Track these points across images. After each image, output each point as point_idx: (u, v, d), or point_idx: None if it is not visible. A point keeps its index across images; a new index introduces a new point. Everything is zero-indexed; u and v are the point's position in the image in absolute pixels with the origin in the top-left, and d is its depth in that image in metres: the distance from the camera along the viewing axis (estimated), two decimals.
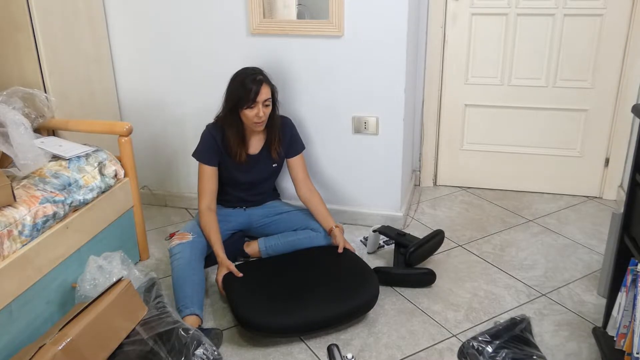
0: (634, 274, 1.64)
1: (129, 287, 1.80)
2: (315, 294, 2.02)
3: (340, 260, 2.23)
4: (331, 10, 2.45)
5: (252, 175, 2.39)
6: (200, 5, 2.63)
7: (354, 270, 2.16)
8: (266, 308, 1.95)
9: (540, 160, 3.11)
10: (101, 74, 2.76)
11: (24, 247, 1.80)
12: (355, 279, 2.10)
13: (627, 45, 2.79)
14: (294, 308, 1.95)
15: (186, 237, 2.21)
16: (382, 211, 2.77)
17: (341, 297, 2.00)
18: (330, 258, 2.25)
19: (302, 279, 2.11)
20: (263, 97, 2.19)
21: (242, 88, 2.18)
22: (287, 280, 2.11)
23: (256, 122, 2.22)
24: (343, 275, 2.13)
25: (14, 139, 1.99)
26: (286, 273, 2.17)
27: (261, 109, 2.19)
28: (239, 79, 2.22)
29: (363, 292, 2.03)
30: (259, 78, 2.19)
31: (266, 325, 1.90)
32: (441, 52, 3.02)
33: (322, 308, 1.96)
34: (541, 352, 1.83)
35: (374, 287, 2.07)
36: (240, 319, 1.95)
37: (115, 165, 2.29)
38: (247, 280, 2.12)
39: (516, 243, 2.62)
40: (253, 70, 2.23)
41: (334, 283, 2.08)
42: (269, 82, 2.24)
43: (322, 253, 2.30)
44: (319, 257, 2.28)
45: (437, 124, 3.17)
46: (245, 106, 2.19)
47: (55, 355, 1.52)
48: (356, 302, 2.00)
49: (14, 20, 2.30)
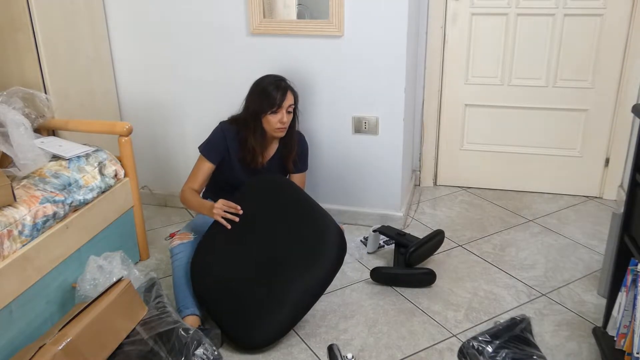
0: (634, 274, 1.64)
1: (129, 287, 1.80)
2: (283, 289, 1.92)
3: (299, 211, 2.11)
4: (331, 10, 2.45)
5: None
6: (201, 5, 2.63)
7: (303, 223, 2.05)
8: (249, 332, 1.90)
9: (540, 160, 3.11)
10: (101, 74, 2.77)
11: (24, 247, 1.80)
12: (313, 235, 2.00)
13: (627, 45, 2.79)
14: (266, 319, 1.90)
15: (187, 237, 2.21)
16: (382, 211, 2.77)
17: (308, 273, 1.93)
18: (273, 209, 2.13)
19: (266, 263, 2.00)
20: (288, 103, 2.20)
21: (266, 93, 2.19)
22: (250, 272, 2.00)
23: (279, 127, 2.22)
24: (298, 240, 2.02)
25: (14, 139, 1.99)
26: (247, 257, 2.05)
27: (285, 115, 2.20)
28: (263, 84, 2.23)
29: (328, 248, 1.95)
30: (284, 84, 2.22)
31: (258, 344, 1.90)
32: (441, 52, 3.02)
33: (298, 302, 1.90)
34: (541, 352, 1.83)
35: (332, 235, 1.97)
36: (237, 344, 1.93)
37: (115, 165, 2.29)
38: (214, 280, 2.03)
39: (516, 243, 2.62)
40: (277, 77, 2.25)
41: (294, 259, 1.97)
42: (292, 89, 2.26)
43: (262, 202, 2.17)
44: (264, 214, 2.15)
45: (437, 124, 3.17)
46: (270, 111, 2.19)
47: (55, 355, 1.52)
48: (327, 263, 1.93)
49: (14, 20, 2.30)
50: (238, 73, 2.66)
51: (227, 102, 2.42)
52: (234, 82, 2.68)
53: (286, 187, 2.20)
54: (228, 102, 2.38)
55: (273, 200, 2.15)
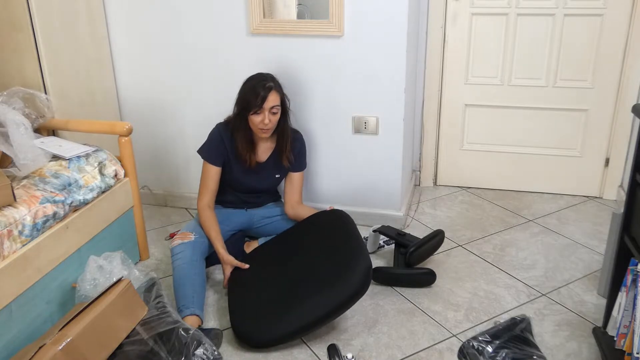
0: (634, 274, 1.64)
1: (129, 287, 1.80)
2: (301, 296, 1.95)
3: (331, 235, 2.15)
4: (331, 10, 2.45)
5: (256, 181, 2.39)
6: (201, 5, 2.63)
7: (342, 250, 2.05)
8: (257, 326, 1.94)
9: (540, 160, 3.11)
10: (101, 74, 2.76)
11: (24, 247, 1.80)
12: (342, 264, 1.99)
13: (627, 45, 2.79)
14: (281, 320, 1.92)
15: (188, 236, 2.21)
16: (382, 211, 2.77)
17: (328, 291, 1.91)
18: (322, 234, 2.19)
19: (294, 274, 2.06)
20: (270, 104, 2.18)
21: (251, 93, 2.19)
22: (277, 280, 2.07)
23: (261, 128, 2.22)
24: (331, 260, 2.03)
25: (14, 139, 1.99)
26: (278, 269, 2.13)
27: (267, 116, 2.19)
28: (250, 83, 2.23)
29: (351, 280, 1.92)
30: (269, 85, 2.20)
31: (262, 342, 1.93)
32: (441, 52, 3.02)
33: (309, 312, 1.90)
34: (541, 352, 1.83)
35: (361, 273, 1.93)
36: (241, 338, 1.96)
37: (115, 165, 2.29)
38: (242, 284, 2.12)
39: (516, 243, 2.62)
40: (264, 76, 2.23)
41: (320, 275, 1.99)
42: (279, 89, 2.24)
43: (315, 228, 2.26)
44: (311, 236, 2.23)
45: (437, 124, 3.17)
46: (252, 111, 2.19)
47: (55, 355, 1.52)
48: (345, 293, 1.90)
49: (14, 20, 2.30)
50: (238, 73, 2.65)
51: (228, 102, 2.41)
52: (234, 82, 2.66)
53: (341, 219, 2.24)
54: (228, 102, 2.38)
55: (319, 227, 2.24)
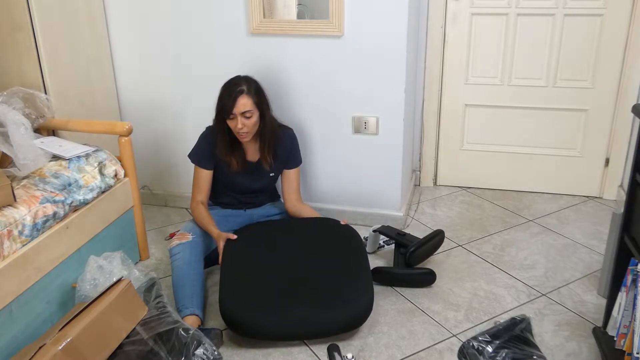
0: (634, 274, 1.64)
1: (129, 287, 1.80)
2: (302, 299, 1.93)
3: (342, 251, 2.16)
4: (331, 10, 2.45)
5: (251, 181, 2.39)
6: (200, 4, 2.63)
7: (351, 273, 2.06)
8: (252, 313, 1.90)
9: (540, 160, 3.11)
10: (101, 74, 2.77)
11: (24, 247, 1.80)
12: (351, 285, 1.99)
13: (627, 45, 2.79)
14: (279, 313, 1.90)
15: (186, 237, 2.21)
16: (382, 211, 2.77)
17: (332, 312, 1.91)
18: (330, 243, 2.20)
19: (295, 271, 2.04)
20: (241, 109, 2.16)
21: (222, 98, 2.19)
22: (279, 273, 2.04)
23: (238, 132, 2.21)
24: (337, 278, 2.02)
25: (14, 139, 1.99)
26: (279, 259, 2.11)
27: (240, 121, 2.17)
28: (223, 88, 2.22)
29: (357, 303, 1.93)
30: (239, 89, 2.16)
31: (253, 330, 1.90)
32: (441, 52, 3.02)
33: (311, 316, 1.89)
34: (541, 352, 1.83)
35: (367, 299, 1.96)
36: (225, 318, 1.93)
37: (115, 165, 2.29)
38: (236, 266, 2.08)
39: (516, 243, 2.62)
40: (237, 81, 2.21)
41: (321, 285, 1.98)
42: (252, 93, 2.18)
43: (322, 233, 2.27)
44: (318, 237, 2.24)
45: (437, 124, 3.17)
46: (227, 117, 2.19)
47: (55, 355, 1.52)
48: (348, 314, 1.91)
49: (14, 20, 2.30)
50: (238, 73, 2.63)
51: None
52: None
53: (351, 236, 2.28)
54: None
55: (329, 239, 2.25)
